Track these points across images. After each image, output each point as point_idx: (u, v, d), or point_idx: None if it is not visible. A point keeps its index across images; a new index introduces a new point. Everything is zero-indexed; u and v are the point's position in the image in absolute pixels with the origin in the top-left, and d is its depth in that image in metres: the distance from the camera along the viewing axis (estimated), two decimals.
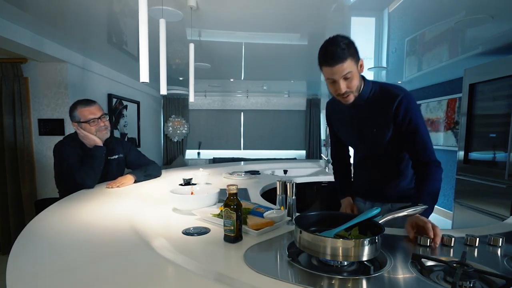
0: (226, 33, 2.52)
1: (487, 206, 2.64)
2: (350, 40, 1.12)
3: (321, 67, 1.14)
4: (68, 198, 1.43)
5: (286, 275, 0.71)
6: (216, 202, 1.30)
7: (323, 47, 1.12)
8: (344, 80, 1.12)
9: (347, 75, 1.10)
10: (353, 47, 1.11)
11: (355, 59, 1.11)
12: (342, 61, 1.07)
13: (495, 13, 2.01)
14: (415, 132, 1.15)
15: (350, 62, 1.09)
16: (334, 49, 1.08)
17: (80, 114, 1.71)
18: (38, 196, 2.96)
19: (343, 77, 1.11)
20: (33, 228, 1.01)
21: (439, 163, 1.15)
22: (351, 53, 1.09)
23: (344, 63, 1.08)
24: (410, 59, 3.22)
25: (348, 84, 1.13)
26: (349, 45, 1.10)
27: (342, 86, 1.12)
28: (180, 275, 0.71)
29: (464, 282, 0.66)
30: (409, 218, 0.97)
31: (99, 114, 1.75)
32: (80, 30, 2.43)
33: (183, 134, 5.91)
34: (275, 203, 1.26)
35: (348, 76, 1.10)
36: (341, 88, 1.12)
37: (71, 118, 1.74)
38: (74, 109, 1.73)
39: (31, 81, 2.92)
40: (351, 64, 1.09)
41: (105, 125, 1.77)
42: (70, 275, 0.68)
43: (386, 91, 1.19)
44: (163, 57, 1.71)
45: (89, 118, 1.71)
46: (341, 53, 1.07)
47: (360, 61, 1.14)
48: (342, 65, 1.08)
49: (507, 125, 2.41)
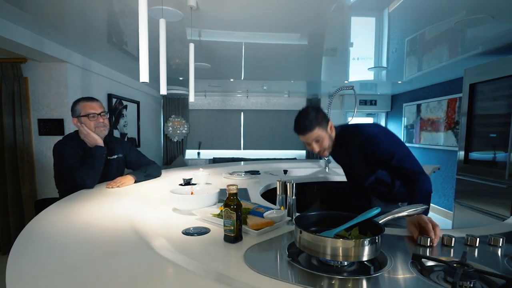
0: (226, 33, 2.51)
1: (487, 206, 2.64)
2: (318, 111, 1.41)
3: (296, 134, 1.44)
4: (68, 198, 1.43)
5: (286, 275, 0.71)
6: (216, 202, 1.30)
7: (296, 119, 1.42)
8: (316, 142, 1.42)
9: (317, 138, 1.40)
10: (321, 116, 1.40)
11: (323, 125, 1.40)
12: (311, 130, 1.38)
13: (495, 13, 2.01)
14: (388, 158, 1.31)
15: (318, 129, 1.38)
16: (303, 122, 1.39)
17: (81, 107, 1.73)
18: (38, 196, 2.96)
19: (314, 140, 1.41)
20: (33, 228, 1.01)
21: (421, 173, 1.27)
22: (319, 122, 1.38)
23: (312, 131, 1.38)
24: (410, 59, 3.22)
25: (320, 145, 1.43)
26: (317, 116, 1.38)
27: (315, 147, 1.43)
28: (180, 275, 0.71)
29: (464, 282, 0.66)
30: (410, 218, 0.98)
31: (99, 110, 1.76)
32: (80, 30, 2.43)
33: (183, 134, 5.90)
34: (275, 203, 1.26)
35: (318, 139, 1.41)
36: (314, 149, 1.43)
37: (72, 113, 1.75)
38: (76, 104, 1.75)
39: (31, 81, 2.92)
40: (320, 131, 1.39)
41: (104, 122, 1.78)
42: (70, 275, 0.68)
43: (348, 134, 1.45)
44: (163, 57, 1.70)
45: (89, 112, 1.72)
46: (309, 124, 1.37)
47: (329, 123, 1.43)
48: (311, 133, 1.38)
49: (507, 125, 2.41)
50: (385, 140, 1.35)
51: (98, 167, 1.68)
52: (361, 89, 5.39)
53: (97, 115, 1.74)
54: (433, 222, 0.92)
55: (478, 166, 2.77)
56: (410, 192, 1.26)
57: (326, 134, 1.41)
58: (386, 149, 1.31)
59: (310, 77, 4.49)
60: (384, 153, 1.31)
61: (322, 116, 1.40)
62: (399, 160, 1.29)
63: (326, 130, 1.41)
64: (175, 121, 5.81)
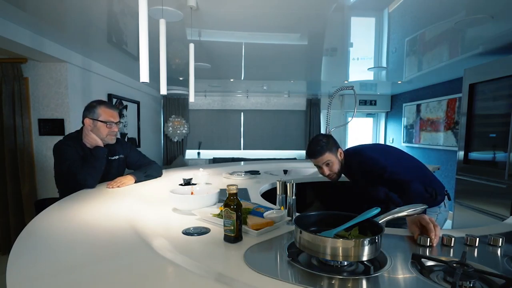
0: (226, 33, 2.52)
1: (487, 206, 2.64)
2: (329, 138, 1.63)
3: (308, 158, 1.68)
4: (68, 198, 1.43)
5: (286, 275, 0.71)
6: (216, 202, 1.30)
7: (308, 144, 1.66)
8: (326, 166, 1.63)
9: (327, 162, 1.62)
10: (331, 142, 1.62)
11: (333, 151, 1.62)
12: (322, 154, 1.59)
13: (495, 13, 2.01)
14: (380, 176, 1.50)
15: (328, 154, 1.60)
16: (314, 147, 1.61)
17: (103, 112, 1.73)
18: (38, 196, 2.96)
19: (324, 164, 1.62)
20: (33, 228, 1.01)
21: (407, 181, 1.43)
22: (329, 148, 1.60)
23: (323, 155, 1.59)
24: (410, 59, 3.22)
25: (330, 168, 1.64)
26: (328, 143, 1.60)
27: (325, 170, 1.64)
28: (180, 275, 0.71)
29: (464, 282, 0.66)
30: (412, 217, 0.98)
31: (117, 120, 1.79)
32: (80, 30, 2.43)
33: (183, 134, 5.90)
34: (275, 203, 1.26)
35: (329, 163, 1.62)
36: (324, 172, 1.65)
37: (88, 113, 1.73)
38: (97, 106, 1.74)
39: (31, 81, 2.92)
40: (330, 155, 1.61)
41: (116, 131, 1.81)
42: (70, 275, 0.68)
43: (351, 159, 1.65)
44: (163, 57, 1.70)
45: (109, 120, 1.74)
46: (320, 149, 1.59)
47: (339, 150, 1.65)
48: (322, 157, 1.60)
49: (507, 125, 2.41)
50: (380, 157, 1.56)
51: (100, 167, 1.69)
52: (361, 89, 5.40)
53: (114, 124, 1.76)
54: (434, 222, 0.92)
55: (478, 166, 2.77)
56: (405, 198, 1.41)
57: (336, 159, 1.62)
58: (379, 166, 1.51)
59: (310, 77, 4.49)
60: (378, 169, 1.51)
61: (332, 142, 1.62)
62: (391, 173, 1.47)
63: (336, 155, 1.62)
64: (175, 121, 5.81)
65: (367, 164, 1.57)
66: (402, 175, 1.47)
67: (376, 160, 1.55)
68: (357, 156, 1.63)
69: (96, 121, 1.71)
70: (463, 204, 2.92)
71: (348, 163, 1.67)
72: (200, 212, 1.16)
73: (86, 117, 1.72)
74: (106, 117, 1.73)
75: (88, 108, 1.74)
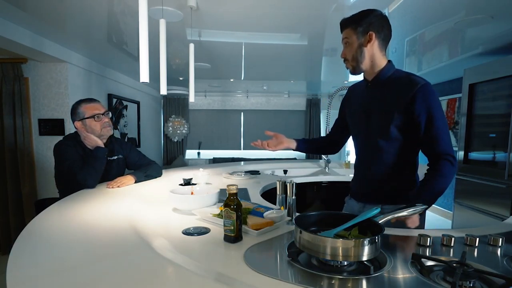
0: (226, 33, 2.52)
1: (487, 206, 2.64)
2: (366, 13, 1.15)
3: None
4: (68, 198, 1.43)
5: (286, 275, 0.71)
6: (216, 202, 1.30)
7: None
8: (344, 46, 1.20)
9: (344, 40, 1.19)
10: (363, 19, 1.14)
11: (357, 30, 1.14)
12: (343, 28, 1.19)
13: (495, 13, 2.01)
14: (430, 123, 1.09)
15: (349, 30, 1.16)
16: (345, 17, 1.19)
17: (84, 110, 1.72)
18: (38, 196, 2.96)
19: (343, 43, 1.20)
20: (33, 228, 1.01)
21: (453, 158, 1.09)
22: (355, 22, 1.15)
23: (344, 30, 1.18)
24: (410, 59, 3.22)
25: (344, 51, 1.20)
26: (359, 17, 1.15)
27: (342, 51, 1.21)
28: (180, 275, 0.71)
29: (464, 282, 0.66)
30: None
31: (103, 110, 1.77)
32: (80, 30, 2.43)
33: (183, 134, 5.90)
34: (275, 203, 1.26)
35: (345, 41, 1.19)
36: (342, 53, 1.22)
37: (74, 117, 1.74)
38: (78, 107, 1.74)
39: (31, 81, 2.92)
40: (350, 33, 1.16)
41: (108, 122, 1.79)
42: (70, 275, 0.68)
43: (407, 77, 1.15)
44: (163, 57, 1.71)
45: (94, 113, 1.72)
46: (345, 20, 1.18)
47: (369, 34, 1.13)
48: (343, 31, 1.19)
49: (507, 125, 2.41)
50: (438, 104, 1.12)
51: (100, 167, 1.68)
52: None
53: (102, 115, 1.75)
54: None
55: (478, 166, 2.77)
56: (427, 177, 1.11)
57: (358, 43, 1.15)
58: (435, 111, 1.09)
59: (310, 77, 4.49)
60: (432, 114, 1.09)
61: (369, 21, 1.13)
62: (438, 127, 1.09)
63: (359, 37, 1.14)
64: (175, 121, 5.81)
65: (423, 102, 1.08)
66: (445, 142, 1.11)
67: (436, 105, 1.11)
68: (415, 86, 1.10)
69: (84, 120, 1.71)
70: (463, 204, 2.92)
71: (389, 85, 1.17)
72: (200, 212, 1.16)
73: (75, 121, 1.73)
74: (90, 112, 1.72)
75: (72, 112, 1.75)
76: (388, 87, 1.17)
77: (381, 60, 1.18)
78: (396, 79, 1.16)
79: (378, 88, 1.20)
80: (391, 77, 1.18)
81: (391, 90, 1.16)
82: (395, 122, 1.14)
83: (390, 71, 1.18)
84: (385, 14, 1.16)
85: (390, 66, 1.19)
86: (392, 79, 1.17)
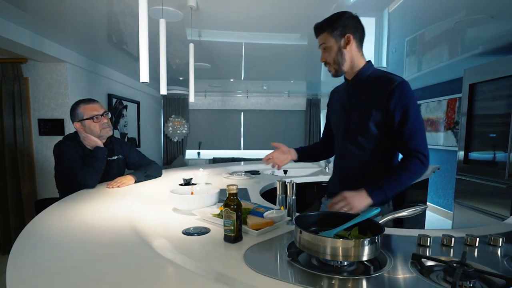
0: (226, 33, 2.52)
1: (487, 206, 2.64)
2: (339, 15, 1.17)
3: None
4: (68, 198, 1.43)
5: (286, 275, 0.71)
6: (216, 202, 1.30)
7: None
8: (323, 51, 1.21)
9: (322, 46, 1.20)
10: (338, 22, 1.16)
11: (334, 34, 1.16)
12: (318, 33, 1.20)
13: (495, 13, 2.01)
14: (404, 120, 1.11)
15: (326, 35, 1.17)
16: (318, 22, 1.20)
17: (83, 111, 1.72)
18: (38, 196, 2.96)
19: (321, 48, 1.21)
20: (33, 228, 1.01)
21: (424, 156, 1.10)
22: (330, 26, 1.16)
23: (320, 35, 1.20)
24: (410, 59, 3.22)
25: (323, 55, 1.21)
26: (334, 20, 1.16)
27: (321, 55, 1.22)
28: (180, 275, 0.71)
29: (464, 282, 0.66)
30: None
31: (101, 111, 1.77)
32: (80, 30, 2.43)
33: (183, 134, 5.90)
34: (275, 203, 1.26)
35: (324, 47, 1.20)
36: (321, 58, 1.23)
37: (73, 118, 1.73)
38: (76, 108, 1.73)
39: (31, 81, 2.92)
40: (327, 37, 1.17)
41: (108, 122, 1.78)
42: (70, 275, 0.68)
43: (385, 75, 1.17)
44: (163, 57, 1.71)
45: (93, 114, 1.72)
46: (319, 25, 1.19)
47: (346, 36, 1.15)
48: (319, 37, 1.20)
49: (507, 125, 2.41)
50: (414, 101, 1.13)
51: (99, 167, 1.69)
52: None
53: (100, 116, 1.75)
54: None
55: (478, 166, 2.77)
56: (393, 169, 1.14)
57: (336, 46, 1.17)
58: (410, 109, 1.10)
59: (310, 77, 4.49)
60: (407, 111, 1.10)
61: (339, 23, 1.15)
62: (412, 124, 1.10)
63: (337, 40, 1.16)
64: (175, 121, 5.81)
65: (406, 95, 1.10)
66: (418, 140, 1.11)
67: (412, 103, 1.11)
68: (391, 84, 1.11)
69: (84, 121, 1.71)
70: (463, 204, 2.92)
71: (367, 83, 1.19)
72: (200, 212, 1.16)
73: (74, 122, 1.73)
74: (89, 113, 1.72)
75: (71, 113, 1.75)
76: (367, 85, 1.19)
77: (359, 60, 1.21)
78: (375, 78, 1.19)
79: (357, 86, 1.22)
80: (370, 76, 1.21)
81: (369, 88, 1.18)
82: (373, 119, 1.15)
83: (369, 70, 1.21)
84: (356, 15, 1.20)
85: (369, 65, 1.22)
86: (371, 78, 1.20)
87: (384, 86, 1.13)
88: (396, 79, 1.13)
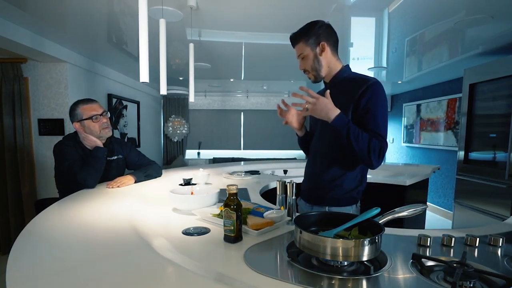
0: (226, 33, 2.52)
1: (487, 206, 2.64)
2: (312, 25, 1.23)
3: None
4: (68, 198, 1.43)
5: (286, 275, 0.71)
6: (216, 202, 1.30)
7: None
8: (301, 60, 1.28)
9: (300, 55, 1.27)
10: (311, 31, 1.22)
11: (309, 43, 1.23)
12: (295, 43, 1.27)
13: (495, 13, 2.01)
14: (370, 109, 1.15)
15: (302, 45, 1.24)
16: (293, 33, 1.27)
17: (82, 111, 1.72)
18: (38, 196, 2.96)
19: (299, 57, 1.28)
20: (33, 228, 1.01)
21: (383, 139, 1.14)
22: (304, 36, 1.23)
23: (296, 45, 1.27)
24: (410, 59, 3.22)
25: (301, 64, 1.29)
26: (307, 30, 1.23)
27: (300, 64, 1.30)
28: (180, 275, 0.71)
29: (464, 282, 0.66)
30: None
31: (100, 111, 1.76)
32: (80, 30, 2.43)
33: (183, 134, 5.90)
34: (275, 203, 1.26)
35: (302, 56, 1.27)
36: (299, 66, 1.31)
37: (72, 118, 1.73)
38: (75, 108, 1.73)
39: (31, 81, 2.92)
40: (303, 47, 1.24)
41: (107, 122, 1.78)
42: (70, 275, 0.68)
43: (360, 77, 1.23)
44: (163, 57, 1.71)
45: (92, 114, 1.72)
46: (294, 36, 1.26)
47: (321, 44, 1.22)
48: (296, 47, 1.28)
49: (507, 125, 2.41)
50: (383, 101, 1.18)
51: (99, 167, 1.69)
52: None
53: (100, 115, 1.74)
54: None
55: (478, 166, 2.77)
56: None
57: (313, 54, 1.23)
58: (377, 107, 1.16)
59: None
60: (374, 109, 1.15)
61: (313, 32, 1.21)
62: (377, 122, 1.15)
63: (312, 49, 1.23)
64: (175, 121, 5.81)
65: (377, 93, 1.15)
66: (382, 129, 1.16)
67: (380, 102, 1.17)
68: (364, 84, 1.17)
69: (83, 121, 1.71)
70: (463, 204, 2.92)
71: (344, 84, 1.24)
72: (200, 212, 1.16)
73: (73, 122, 1.73)
74: (88, 113, 1.72)
75: (70, 114, 1.75)
76: (344, 86, 1.25)
77: (336, 64, 1.28)
78: (352, 79, 1.25)
79: (336, 88, 1.27)
80: (347, 77, 1.27)
81: (346, 88, 1.23)
82: (348, 117, 1.18)
83: (346, 73, 1.28)
84: (328, 22, 1.27)
85: (346, 68, 1.29)
86: (348, 79, 1.26)
87: (359, 85, 1.18)
88: (371, 79, 1.19)
